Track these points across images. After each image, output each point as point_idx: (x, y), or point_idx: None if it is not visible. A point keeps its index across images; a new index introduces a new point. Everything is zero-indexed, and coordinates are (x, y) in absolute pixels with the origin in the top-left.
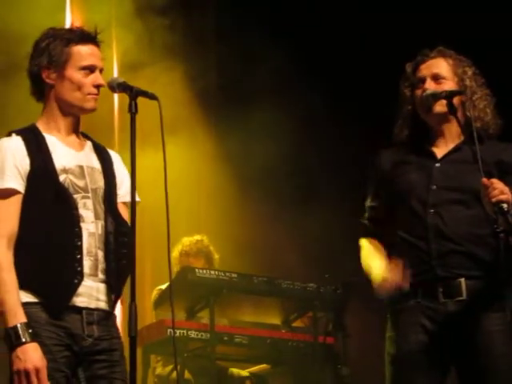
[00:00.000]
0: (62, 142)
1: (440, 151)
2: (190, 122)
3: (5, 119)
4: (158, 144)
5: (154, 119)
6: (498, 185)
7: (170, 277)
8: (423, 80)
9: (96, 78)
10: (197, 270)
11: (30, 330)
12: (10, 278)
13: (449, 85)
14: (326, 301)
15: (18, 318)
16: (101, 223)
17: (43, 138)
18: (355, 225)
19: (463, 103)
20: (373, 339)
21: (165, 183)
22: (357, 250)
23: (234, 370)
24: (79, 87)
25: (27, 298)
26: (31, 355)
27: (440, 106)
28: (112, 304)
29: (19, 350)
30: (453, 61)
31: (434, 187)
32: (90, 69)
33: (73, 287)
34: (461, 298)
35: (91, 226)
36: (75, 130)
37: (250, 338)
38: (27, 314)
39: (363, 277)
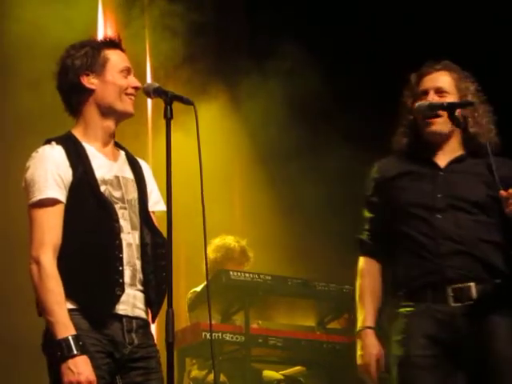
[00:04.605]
0: (100, 151)
1: (441, 162)
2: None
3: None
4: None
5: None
6: None
7: (207, 278)
8: (426, 92)
9: (134, 80)
10: (231, 273)
11: (81, 343)
12: (59, 288)
13: (451, 99)
14: None
15: (68, 330)
16: (137, 234)
17: (82, 148)
18: None
19: (465, 118)
20: None
21: (201, 189)
22: None
23: (268, 373)
24: (121, 89)
25: (70, 305)
26: (84, 368)
27: (440, 125)
28: (147, 312)
29: (71, 362)
30: (457, 75)
31: (440, 195)
32: (128, 70)
33: (114, 298)
34: (470, 302)
35: (129, 237)
36: (111, 139)
37: (284, 340)
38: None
39: None
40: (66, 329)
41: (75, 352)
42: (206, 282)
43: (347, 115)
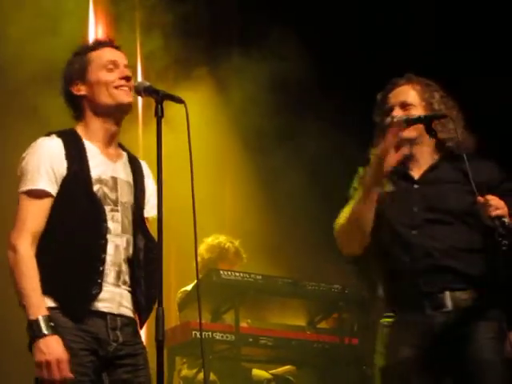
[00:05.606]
0: (101, 151)
1: (416, 173)
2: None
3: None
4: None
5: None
6: (493, 201)
7: (197, 277)
8: (392, 108)
9: (121, 70)
10: (222, 272)
11: (52, 324)
12: (33, 272)
13: (416, 110)
14: (351, 302)
15: (40, 311)
16: (126, 237)
17: (83, 145)
18: None
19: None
20: None
21: (192, 188)
22: None
23: (258, 372)
24: (107, 84)
25: (51, 303)
26: (54, 347)
27: (409, 132)
28: (133, 310)
29: (41, 342)
30: (420, 87)
31: (415, 209)
32: (113, 64)
33: (91, 297)
34: (446, 310)
35: (117, 239)
36: (114, 140)
37: (275, 339)
38: (53, 318)
39: None
40: (37, 310)
41: (45, 332)
42: (196, 281)
43: (333, 102)
